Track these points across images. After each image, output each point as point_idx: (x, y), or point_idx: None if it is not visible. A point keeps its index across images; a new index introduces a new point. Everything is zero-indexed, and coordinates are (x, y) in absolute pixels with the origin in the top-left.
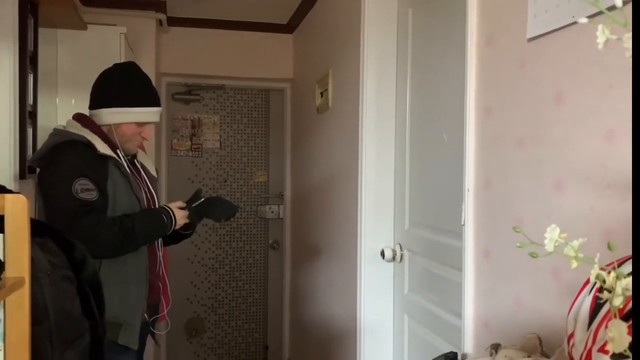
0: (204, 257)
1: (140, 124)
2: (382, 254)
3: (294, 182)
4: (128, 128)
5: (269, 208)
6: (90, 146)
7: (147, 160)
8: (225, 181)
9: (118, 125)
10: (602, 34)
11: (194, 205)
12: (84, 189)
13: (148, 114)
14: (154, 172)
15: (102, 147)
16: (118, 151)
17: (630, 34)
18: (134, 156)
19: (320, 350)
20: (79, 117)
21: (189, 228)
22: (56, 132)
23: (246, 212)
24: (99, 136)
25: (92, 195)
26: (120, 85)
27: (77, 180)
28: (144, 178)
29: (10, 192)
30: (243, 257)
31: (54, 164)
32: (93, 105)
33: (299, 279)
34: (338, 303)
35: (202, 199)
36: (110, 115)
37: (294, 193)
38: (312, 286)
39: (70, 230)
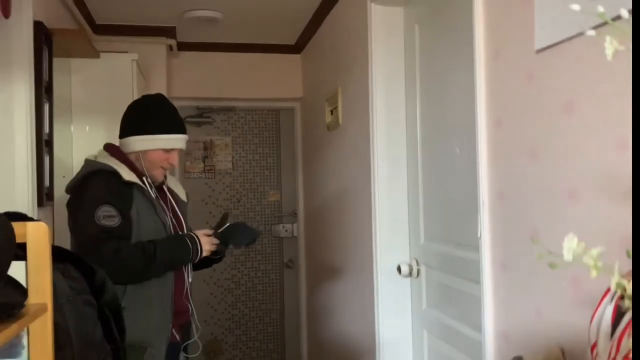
0: (220, 278)
1: (167, 151)
2: (399, 269)
3: (306, 200)
4: (155, 154)
5: (283, 227)
6: (116, 174)
7: (176, 185)
8: (239, 201)
9: (146, 152)
10: (610, 45)
11: (219, 230)
12: (105, 215)
13: (175, 140)
14: (183, 197)
15: (127, 175)
16: (144, 178)
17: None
18: (162, 182)
19: None
20: (108, 147)
21: (217, 253)
22: (87, 162)
23: (260, 232)
24: (125, 164)
25: (114, 222)
26: (149, 113)
27: (99, 208)
28: (171, 203)
29: (31, 219)
30: (258, 277)
31: (80, 193)
32: (123, 134)
33: (315, 297)
34: (356, 320)
35: (227, 224)
36: (138, 143)
37: (307, 211)
38: (329, 304)
39: (92, 255)
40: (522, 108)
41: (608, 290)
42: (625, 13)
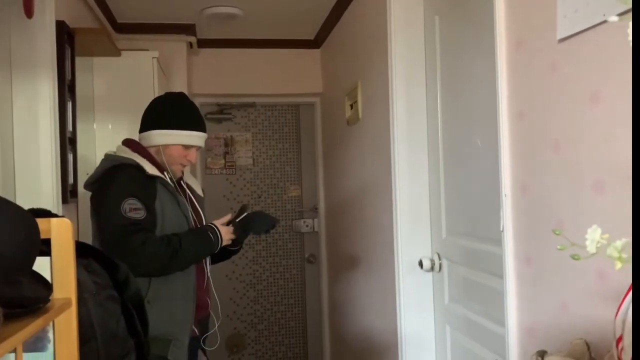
0: (242, 274)
1: (186, 147)
2: (420, 264)
3: (327, 195)
4: (175, 150)
5: (304, 222)
6: (139, 168)
7: (193, 180)
8: (260, 197)
9: (166, 146)
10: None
11: (237, 220)
12: (132, 208)
13: (194, 137)
14: (200, 192)
15: (151, 169)
16: (165, 173)
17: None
18: (181, 177)
19: None
20: (128, 143)
21: (236, 244)
22: (107, 157)
23: (281, 227)
24: (147, 159)
25: (140, 214)
26: (171, 109)
27: (125, 200)
28: (190, 197)
29: (55, 215)
30: (280, 272)
31: (105, 187)
32: (143, 128)
33: (337, 292)
34: (378, 315)
35: (245, 214)
36: (159, 137)
37: (328, 206)
38: (351, 299)
39: (119, 247)
40: (545, 99)
41: None
42: None
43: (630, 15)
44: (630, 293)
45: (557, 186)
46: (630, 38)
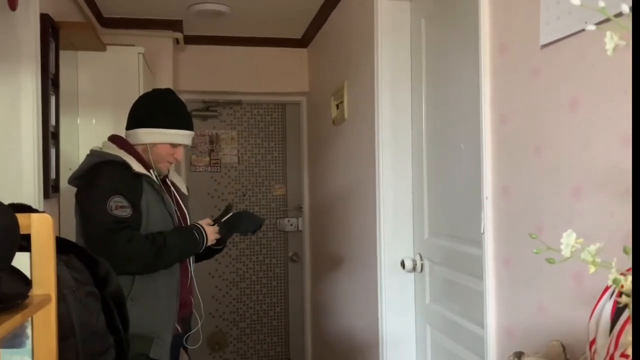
0: (225, 272)
1: (174, 145)
2: (403, 264)
3: (312, 194)
4: (163, 148)
5: (288, 221)
6: (125, 166)
7: (178, 178)
8: (244, 195)
9: (154, 145)
10: (610, 40)
11: (223, 220)
12: (118, 206)
13: (182, 136)
14: (184, 190)
15: (137, 167)
16: (151, 170)
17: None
18: (166, 175)
19: None
20: (114, 139)
21: (220, 243)
22: (93, 152)
23: (265, 226)
24: (133, 156)
25: (126, 213)
26: (159, 107)
27: (112, 198)
28: (175, 195)
29: (35, 211)
30: (263, 271)
31: (91, 183)
32: (131, 126)
33: (319, 291)
34: (359, 315)
35: (230, 214)
36: (147, 135)
37: (312, 205)
38: (333, 298)
39: (104, 245)
40: (527, 104)
41: (608, 286)
42: (626, 9)
43: (608, 24)
44: (604, 296)
45: (537, 190)
46: (608, 46)
